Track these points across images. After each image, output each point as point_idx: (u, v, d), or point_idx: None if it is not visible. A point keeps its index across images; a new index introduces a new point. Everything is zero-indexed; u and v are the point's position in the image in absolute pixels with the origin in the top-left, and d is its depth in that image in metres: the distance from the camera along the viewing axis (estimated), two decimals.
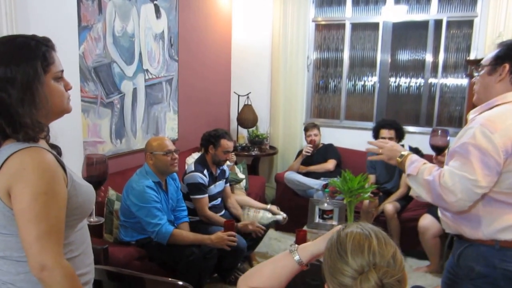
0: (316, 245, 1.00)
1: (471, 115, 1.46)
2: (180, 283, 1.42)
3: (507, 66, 1.36)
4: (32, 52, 1.01)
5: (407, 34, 4.13)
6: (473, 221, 1.37)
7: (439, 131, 1.65)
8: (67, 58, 2.01)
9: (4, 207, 0.98)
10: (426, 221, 2.92)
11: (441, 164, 1.67)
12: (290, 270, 1.00)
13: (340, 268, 0.81)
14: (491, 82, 1.40)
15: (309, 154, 3.71)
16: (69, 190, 1.03)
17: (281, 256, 1.03)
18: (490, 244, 1.34)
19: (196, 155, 3.41)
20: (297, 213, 3.36)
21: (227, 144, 2.84)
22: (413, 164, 1.44)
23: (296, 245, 1.03)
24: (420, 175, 1.40)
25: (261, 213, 2.84)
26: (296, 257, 1.00)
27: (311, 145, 3.71)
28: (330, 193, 2.83)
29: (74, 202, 1.05)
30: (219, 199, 2.96)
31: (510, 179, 1.29)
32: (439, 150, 1.66)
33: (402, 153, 1.51)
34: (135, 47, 3.05)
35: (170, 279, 1.46)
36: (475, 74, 1.48)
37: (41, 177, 0.96)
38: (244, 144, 4.30)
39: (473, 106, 3.97)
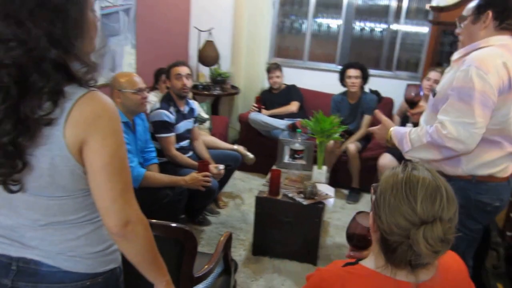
0: None
1: (455, 56, 1.51)
2: (174, 225, 1.38)
3: (490, 13, 1.41)
4: None
5: None
6: (453, 160, 1.48)
7: (414, 88, 1.76)
8: None
9: (76, 165, 0.83)
10: (385, 160, 3.10)
11: (414, 116, 1.77)
12: None
13: (403, 210, 0.80)
14: (475, 30, 1.46)
15: (256, 110, 3.78)
16: None
17: None
18: (467, 179, 1.47)
19: (155, 94, 3.23)
20: (261, 153, 3.39)
21: (176, 69, 2.68)
22: (402, 140, 1.52)
23: None
24: (416, 143, 1.47)
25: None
26: None
27: (256, 105, 3.79)
28: (302, 132, 2.85)
29: None
30: (187, 141, 2.86)
31: (496, 116, 1.39)
32: (413, 104, 1.78)
33: (387, 138, 1.61)
34: None
35: (154, 220, 1.38)
36: (459, 25, 1.52)
37: (117, 125, 0.85)
38: (205, 83, 4.12)
39: (433, 52, 4.03)
